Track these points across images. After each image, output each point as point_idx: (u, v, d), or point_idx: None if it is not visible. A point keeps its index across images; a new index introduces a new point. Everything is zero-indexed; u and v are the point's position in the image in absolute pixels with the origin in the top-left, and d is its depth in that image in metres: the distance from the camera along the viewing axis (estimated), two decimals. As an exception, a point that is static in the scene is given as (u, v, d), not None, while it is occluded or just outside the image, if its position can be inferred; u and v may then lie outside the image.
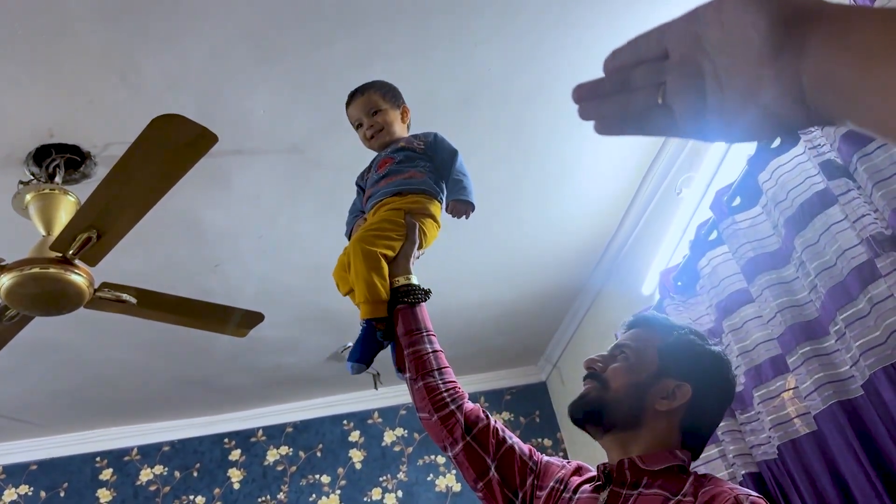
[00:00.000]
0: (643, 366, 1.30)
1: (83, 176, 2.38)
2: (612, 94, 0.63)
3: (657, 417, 1.26)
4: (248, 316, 2.55)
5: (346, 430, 4.73)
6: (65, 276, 2.03)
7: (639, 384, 1.28)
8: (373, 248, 1.50)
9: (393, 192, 1.62)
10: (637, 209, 3.11)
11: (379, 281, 1.48)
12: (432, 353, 1.48)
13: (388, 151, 1.69)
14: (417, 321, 1.49)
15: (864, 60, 0.43)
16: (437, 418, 1.42)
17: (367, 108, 1.73)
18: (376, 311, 1.48)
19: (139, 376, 3.91)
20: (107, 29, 1.95)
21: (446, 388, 1.45)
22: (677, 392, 1.26)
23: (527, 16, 2.14)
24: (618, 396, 1.28)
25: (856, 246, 1.74)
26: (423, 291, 1.54)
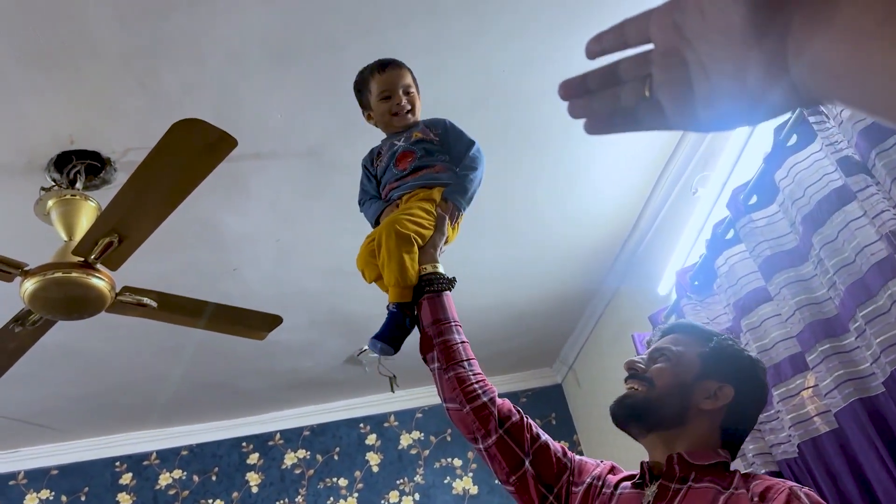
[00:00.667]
0: (686, 367, 1.34)
1: (103, 182, 2.40)
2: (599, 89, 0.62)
3: (700, 416, 1.30)
4: (266, 318, 2.57)
5: (362, 433, 4.74)
6: (87, 281, 2.06)
7: (683, 384, 1.32)
8: (406, 231, 1.49)
9: (421, 185, 1.61)
10: (652, 208, 3.11)
11: (411, 264, 1.48)
12: (460, 344, 1.47)
13: (406, 143, 1.66)
14: (445, 310, 1.49)
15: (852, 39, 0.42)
16: (470, 409, 1.40)
17: (403, 82, 1.69)
18: (404, 295, 1.48)
19: (158, 381, 3.94)
20: (126, 36, 1.98)
21: (476, 379, 1.44)
22: (719, 393, 1.31)
23: (540, 18, 2.15)
24: (663, 395, 1.32)
25: (875, 242, 1.73)
26: (449, 280, 1.53)
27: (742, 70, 0.50)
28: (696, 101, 0.55)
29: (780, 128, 2.04)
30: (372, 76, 1.71)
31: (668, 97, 0.57)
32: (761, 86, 0.49)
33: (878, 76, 0.41)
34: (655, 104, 0.58)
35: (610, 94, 0.62)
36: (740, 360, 1.38)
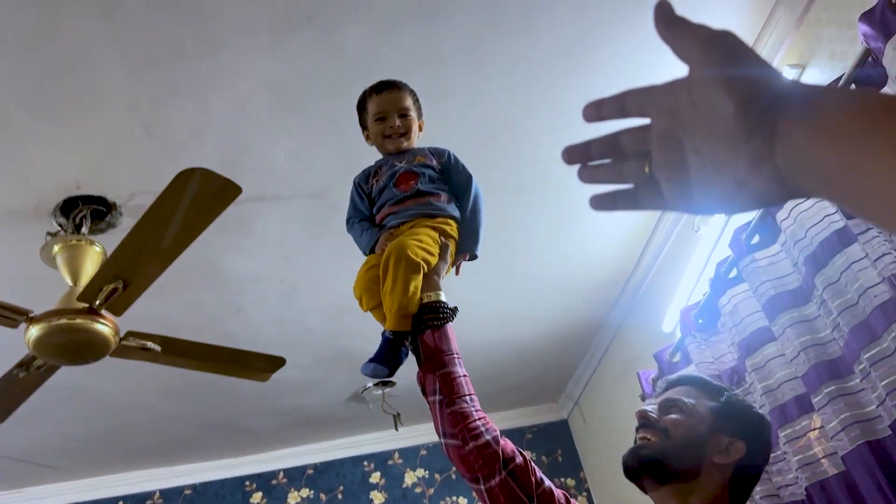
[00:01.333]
0: (700, 420, 1.34)
1: (109, 226, 2.42)
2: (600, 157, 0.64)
3: (713, 470, 1.29)
4: (269, 360, 2.57)
5: (366, 471, 4.70)
6: (91, 327, 2.07)
7: (699, 437, 1.31)
8: (416, 258, 1.43)
9: (423, 213, 1.57)
10: (655, 246, 3.11)
11: (415, 292, 1.43)
12: (462, 378, 1.41)
13: (409, 165, 1.62)
14: (449, 341, 1.43)
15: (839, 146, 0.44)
16: (474, 447, 1.33)
17: (399, 105, 1.65)
18: (403, 324, 1.42)
19: (162, 420, 3.93)
20: (132, 83, 2.01)
21: (478, 416, 1.37)
22: (731, 448, 1.30)
23: (539, 60, 2.18)
24: (679, 447, 1.31)
25: (878, 284, 1.73)
26: (452, 310, 1.48)
27: (734, 161, 0.51)
28: (692, 185, 0.56)
29: (781, 169, 2.05)
30: (370, 96, 1.68)
31: (666, 178, 0.58)
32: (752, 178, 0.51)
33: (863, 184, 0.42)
34: (655, 183, 0.60)
35: (615, 169, 0.63)
36: (750, 416, 1.38)
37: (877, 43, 1.64)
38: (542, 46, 2.15)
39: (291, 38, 1.96)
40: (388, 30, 2.00)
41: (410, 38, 2.04)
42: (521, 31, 2.08)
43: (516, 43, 2.12)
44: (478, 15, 2.02)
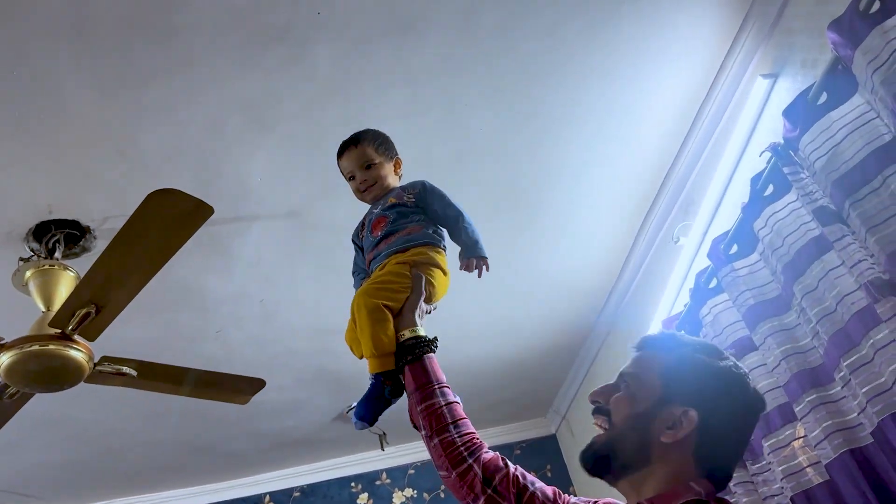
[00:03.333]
0: (645, 394, 1.17)
1: (83, 250, 2.39)
2: None
3: (667, 450, 1.13)
4: (249, 382, 2.53)
5: (353, 492, 4.65)
6: (64, 353, 2.03)
7: (641, 415, 1.15)
8: (375, 300, 1.46)
9: (395, 251, 1.59)
10: (636, 258, 3.11)
11: (383, 333, 1.44)
12: (446, 407, 1.40)
13: (380, 210, 1.67)
14: (427, 374, 1.42)
15: None
16: (456, 475, 1.34)
17: (361, 161, 1.70)
18: (384, 364, 1.44)
19: (144, 446, 3.87)
20: (102, 105, 1.99)
21: (462, 441, 1.37)
22: (683, 419, 1.12)
23: (514, 76, 2.18)
24: (622, 432, 1.17)
25: (855, 291, 1.73)
26: (429, 342, 1.47)
27: None
28: None
29: (756, 178, 2.06)
30: (338, 162, 1.76)
31: None
32: None
33: None
34: None
35: None
36: (707, 374, 1.17)
37: (846, 51, 1.65)
38: (518, 61, 2.14)
39: (263, 56, 1.95)
40: (360, 47, 1.99)
41: (384, 56, 2.03)
42: (496, 46, 2.08)
43: (491, 58, 2.12)
44: (451, 31, 2.01)
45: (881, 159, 1.61)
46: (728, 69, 2.26)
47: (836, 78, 1.72)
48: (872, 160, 1.63)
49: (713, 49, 2.23)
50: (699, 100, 2.39)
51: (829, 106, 1.75)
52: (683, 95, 2.37)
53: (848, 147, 1.69)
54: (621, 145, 2.53)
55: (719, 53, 2.24)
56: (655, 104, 2.39)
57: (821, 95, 1.78)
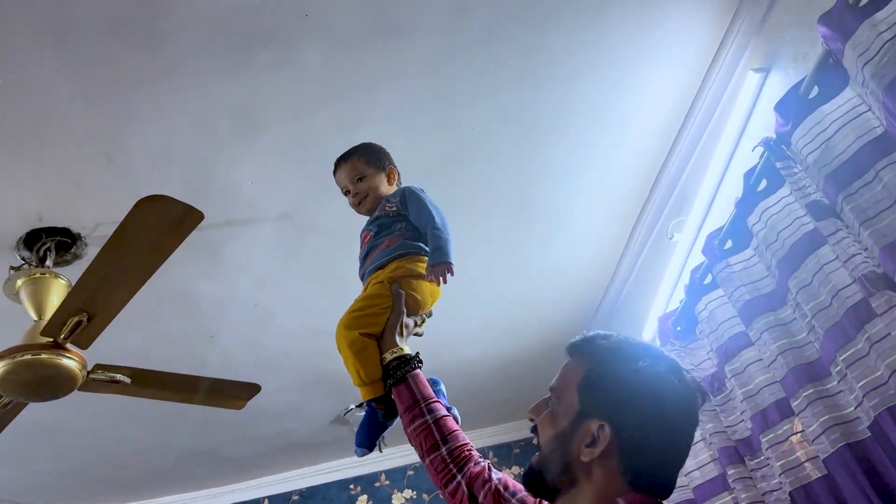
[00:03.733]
0: (565, 410, 1.08)
1: (75, 257, 2.38)
2: None
3: (589, 469, 1.04)
4: (244, 387, 2.52)
5: (353, 494, 4.64)
6: (57, 362, 2.02)
7: (561, 434, 1.07)
8: (352, 331, 1.48)
9: (377, 266, 1.60)
10: (631, 255, 3.10)
11: (366, 362, 1.46)
12: (433, 424, 1.40)
13: (366, 224, 1.69)
14: (413, 394, 1.43)
15: None
16: (448, 493, 1.36)
17: (352, 175, 1.73)
18: (374, 391, 1.46)
19: (140, 453, 3.86)
20: (90, 112, 1.97)
21: (452, 456, 1.37)
22: (599, 434, 1.03)
23: (504, 75, 2.16)
24: (545, 454, 1.10)
25: (850, 285, 1.73)
26: (411, 359, 1.47)
27: None
28: None
29: (749, 173, 2.05)
30: (334, 177, 1.78)
31: None
32: None
33: None
34: None
35: None
36: (617, 381, 1.07)
37: (836, 44, 1.64)
38: (508, 60, 2.13)
39: (251, 59, 1.93)
40: (348, 48, 1.98)
41: (372, 56, 2.02)
42: (485, 45, 2.07)
43: (481, 56, 2.10)
44: (439, 31, 2.00)
45: (873, 152, 1.60)
46: (719, 64, 2.25)
47: (828, 72, 1.71)
48: (865, 154, 1.62)
49: (704, 44, 2.22)
50: (691, 95, 2.38)
51: (820, 100, 1.74)
52: (675, 91, 2.36)
53: (840, 141, 1.68)
54: (613, 143, 2.52)
55: (710, 49, 2.23)
56: (647, 101, 2.38)
57: (812, 89, 1.77)
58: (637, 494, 1.03)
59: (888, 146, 1.57)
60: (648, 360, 1.09)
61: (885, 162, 1.58)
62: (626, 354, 1.11)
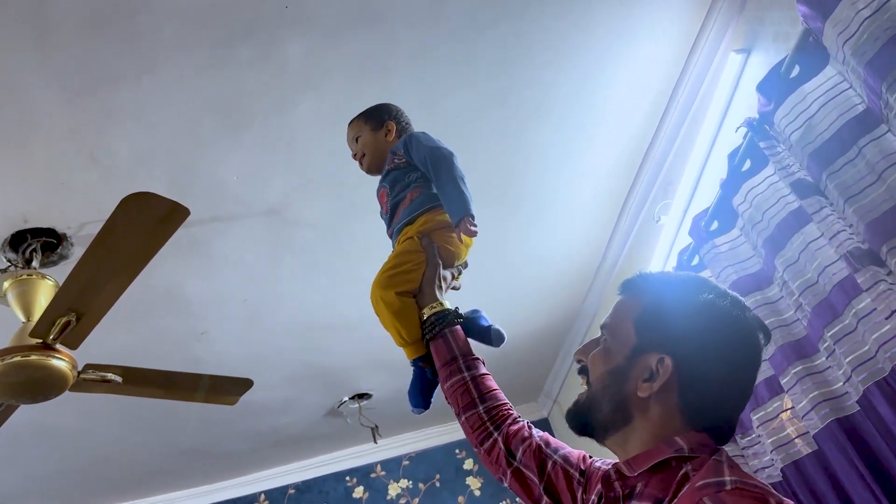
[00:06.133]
0: (620, 346, 1.06)
1: (61, 257, 2.37)
2: None
3: (646, 405, 1.02)
4: (236, 383, 2.52)
5: (349, 486, 4.65)
6: (47, 363, 2.01)
7: (615, 370, 1.05)
8: (388, 291, 1.44)
9: (406, 222, 1.55)
10: (619, 239, 3.12)
11: (406, 322, 1.42)
12: (471, 381, 1.37)
13: (380, 182, 1.65)
14: (451, 350, 1.39)
15: None
16: (484, 451, 1.32)
17: (353, 136, 1.73)
18: (417, 350, 1.43)
19: (134, 452, 3.85)
20: (72, 111, 1.96)
21: (490, 415, 1.34)
22: (659, 368, 1.00)
23: (486, 61, 2.16)
24: (597, 391, 1.07)
25: (836, 262, 1.74)
26: (448, 314, 1.43)
27: None
28: None
29: (734, 154, 2.06)
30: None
31: None
32: None
33: None
34: None
35: None
36: (683, 312, 1.03)
37: (816, 23, 1.64)
38: (489, 46, 2.13)
39: (232, 54, 1.92)
40: (330, 40, 1.97)
41: (354, 48, 2.01)
42: (466, 32, 2.06)
43: (463, 44, 2.10)
44: (420, 20, 1.99)
45: (855, 129, 1.61)
46: (701, 46, 2.26)
47: (808, 50, 1.72)
48: (847, 131, 1.63)
49: (685, 27, 2.22)
50: (673, 79, 2.39)
51: (801, 79, 1.75)
52: (657, 75, 2.37)
53: (822, 119, 1.69)
54: (598, 129, 2.52)
55: (691, 31, 2.24)
56: (629, 86, 2.38)
57: (793, 68, 1.78)
58: (696, 433, 0.99)
59: (870, 123, 1.59)
60: (712, 294, 1.05)
61: (867, 139, 1.59)
62: (688, 287, 1.07)
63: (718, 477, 0.88)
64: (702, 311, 1.03)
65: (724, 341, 1.02)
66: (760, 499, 0.82)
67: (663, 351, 1.01)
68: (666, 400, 1.01)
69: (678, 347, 1.01)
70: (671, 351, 1.00)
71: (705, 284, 1.07)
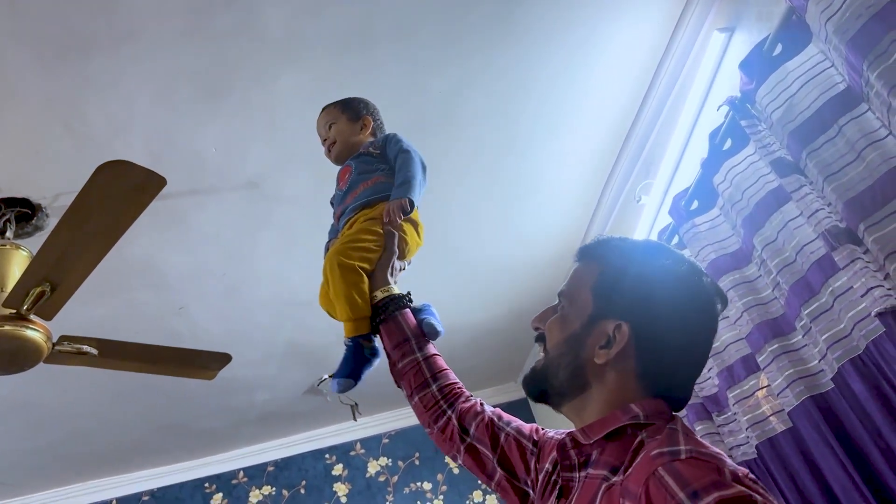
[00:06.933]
0: (577, 313, 1.06)
1: (36, 228, 2.33)
2: None
3: (602, 371, 1.02)
4: (214, 357, 2.50)
5: (328, 464, 4.66)
6: (21, 333, 1.98)
7: (572, 337, 1.04)
8: (350, 262, 1.41)
9: (362, 204, 1.54)
10: (599, 220, 3.12)
11: (358, 296, 1.40)
12: (423, 361, 1.37)
13: (346, 161, 1.65)
14: (403, 331, 1.39)
15: None
16: (437, 430, 1.33)
17: (326, 122, 1.73)
18: (360, 327, 1.40)
19: (112, 427, 3.83)
20: (46, 79, 1.92)
21: (443, 394, 1.34)
22: (616, 334, 1.00)
23: (470, 38, 2.14)
24: (554, 357, 1.06)
25: (813, 241, 1.75)
26: (401, 297, 1.43)
27: None
28: None
29: (715, 133, 2.06)
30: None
31: None
32: None
33: None
34: None
35: None
36: (638, 279, 1.03)
37: (799, 0, 1.64)
38: (475, 23, 2.10)
39: (210, 22, 1.89)
40: (311, 9, 1.94)
41: (336, 18, 1.98)
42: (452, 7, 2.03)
43: (448, 20, 2.07)
44: (404, -9, 1.97)
45: (836, 108, 1.62)
46: (684, 25, 2.25)
47: (791, 29, 1.72)
48: (828, 109, 1.63)
49: (668, 6, 2.21)
50: (657, 58, 2.38)
51: (784, 57, 1.75)
52: (641, 54, 2.36)
53: (803, 97, 1.69)
54: (581, 107, 2.51)
55: (675, 10, 2.22)
56: (613, 64, 2.37)
57: (776, 47, 1.77)
58: (652, 400, 1.00)
59: (850, 101, 1.59)
60: (669, 260, 1.05)
61: (847, 117, 1.59)
62: (645, 253, 1.08)
63: (673, 446, 0.88)
64: (659, 277, 1.03)
65: (681, 308, 1.02)
66: (714, 468, 0.82)
67: (620, 317, 1.01)
68: (623, 367, 1.01)
69: (635, 314, 1.01)
70: (628, 317, 1.00)
71: (662, 250, 1.08)
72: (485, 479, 1.28)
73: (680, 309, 1.01)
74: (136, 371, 2.41)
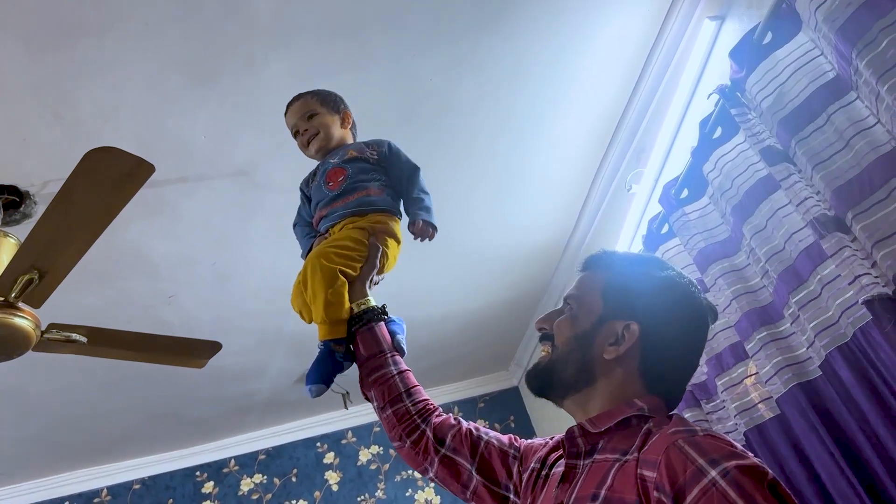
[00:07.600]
0: (587, 313, 1.15)
1: (24, 216, 2.32)
2: None
3: (610, 367, 1.11)
4: (204, 346, 2.50)
5: (320, 452, 4.67)
6: (8, 321, 1.97)
7: (582, 335, 1.14)
8: (332, 265, 1.41)
9: (352, 212, 1.53)
10: (591, 208, 3.12)
11: (337, 299, 1.39)
12: (398, 375, 1.39)
13: (338, 161, 1.59)
14: (378, 342, 1.40)
15: None
16: (410, 443, 1.35)
17: (303, 112, 1.66)
18: (335, 331, 1.40)
19: (104, 415, 3.82)
20: (35, 65, 1.90)
21: (416, 409, 1.37)
22: (625, 333, 1.11)
23: (460, 24, 2.13)
24: (563, 353, 1.15)
25: (802, 229, 1.76)
26: (379, 311, 1.44)
27: None
28: None
29: (705, 121, 2.07)
30: (286, 121, 1.72)
31: None
32: None
33: None
34: None
35: None
36: (647, 285, 1.14)
37: (790, -12, 1.64)
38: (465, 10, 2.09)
39: (200, 8, 1.87)
40: (301, -6, 1.93)
41: (326, 3, 1.97)
42: (441, -7, 2.03)
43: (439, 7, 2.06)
44: (394, -23, 1.96)
45: (825, 97, 1.62)
46: (675, 13, 2.25)
47: (781, 17, 1.72)
48: (817, 98, 1.64)
49: (660, -8, 2.21)
50: (647, 46, 2.38)
51: (774, 45, 1.75)
52: (632, 42, 2.36)
53: (793, 86, 1.69)
54: (572, 95, 2.51)
55: (666, -3, 2.22)
56: (604, 52, 2.37)
57: (766, 35, 1.78)
58: (652, 397, 1.09)
59: (839, 90, 1.59)
60: (672, 272, 1.18)
61: (836, 106, 1.60)
62: (649, 264, 1.20)
63: (688, 427, 0.97)
64: (664, 285, 1.14)
65: (683, 314, 1.13)
66: (729, 443, 0.92)
67: (630, 318, 1.11)
68: (628, 364, 1.11)
69: (643, 316, 1.11)
70: (637, 319, 1.11)
71: (664, 263, 1.20)
72: (458, 490, 1.32)
73: (682, 315, 1.13)
74: (125, 359, 2.41)
